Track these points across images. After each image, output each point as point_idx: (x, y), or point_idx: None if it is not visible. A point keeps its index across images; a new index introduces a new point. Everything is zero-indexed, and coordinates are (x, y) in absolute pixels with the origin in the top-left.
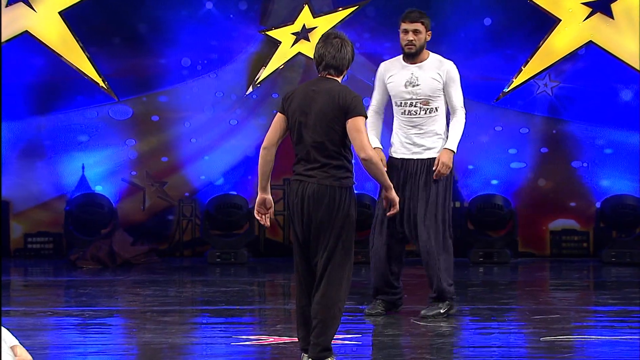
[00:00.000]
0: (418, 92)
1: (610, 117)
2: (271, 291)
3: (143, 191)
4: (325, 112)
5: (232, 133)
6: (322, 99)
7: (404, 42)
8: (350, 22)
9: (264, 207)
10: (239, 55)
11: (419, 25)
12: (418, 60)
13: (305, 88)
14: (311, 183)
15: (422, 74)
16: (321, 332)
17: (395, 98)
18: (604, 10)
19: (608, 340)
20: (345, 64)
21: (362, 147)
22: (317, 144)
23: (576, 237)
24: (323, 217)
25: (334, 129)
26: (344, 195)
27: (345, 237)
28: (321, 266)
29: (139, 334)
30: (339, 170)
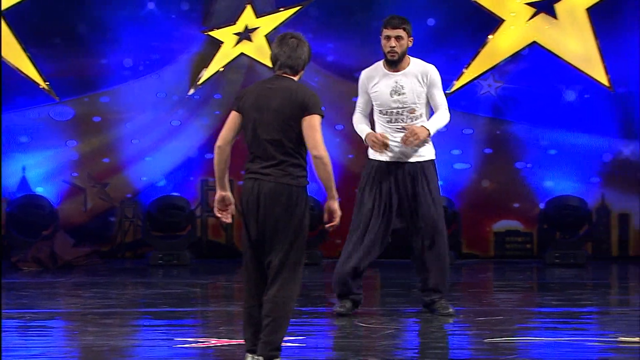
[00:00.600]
0: (405, 101)
1: (554, 118)
2: (214, 293)
3: (84, 192)
4: (283, 110)
5: (174, 134)
6: (279, 96)
7: (387, 48)
8: (293, 22)
9: (224, 204)
10: (181, 55)
11: (401, 32)
12: (401, 68)
13: (260, 85)
14: (267, 181)
15: (406, 81)
16: (273, 331)
17: (381, 107)
18: (548, 10)
19: (552, 341)
20: (301, 63)
21: (315, 145)
22: (274, 141)
23: (520, 238)
24: (279, 216)
25: (291, 126)
26: (300, 194)
27: (300, 237)
28: (275, 265)
29: (80, 336)
30: (295, 169)
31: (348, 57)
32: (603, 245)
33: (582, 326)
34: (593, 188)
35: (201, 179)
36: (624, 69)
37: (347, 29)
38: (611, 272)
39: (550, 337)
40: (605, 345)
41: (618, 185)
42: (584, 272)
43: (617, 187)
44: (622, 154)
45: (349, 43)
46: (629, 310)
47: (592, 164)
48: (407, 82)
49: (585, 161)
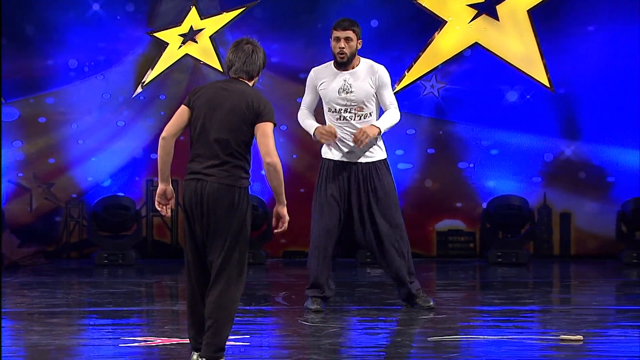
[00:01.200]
0: (352, 99)
1: (496, 118)
2: (159, 292)
3: (30, 192)
4: (236, 111)
5: (119, 134)
6: (234, 98)
7: (336, 50)
8: (238, 23)
9: (165, 197)
10: (127, 56)
11: (350, 33)
12: (350, 67)
13: (215, 85)
14: (210, 182)
15: (355, 80)
16: (216, 332)
17: (329, 104)
18: (489, 12)
19: (494, 339)
20: (256, 69)
21: (268, 152)
22: (221, 140)
23: (462, 237)
24: (222, 217)
25: (241, 129)
26: (242, 195)
27: (242, 238)
28: (217, 266)
29: (26, 335)
30: (238, 170)
31: (292, 58)
32: (545, 244)
33: (524, 324)
34: (535, 188)
35: (146, 179)
36: (565, 70)
37: (292, 31)
38: (553, 271)
39: (492, 335)
40: (547, 343)
41: (560, 185)
42: (526, 271)
43: (558, 186)
44: (563, 154)
45: (293, 44)
46: (570, 308)
47: (534, 163)
48: (355, 81)
49: (527, 161)
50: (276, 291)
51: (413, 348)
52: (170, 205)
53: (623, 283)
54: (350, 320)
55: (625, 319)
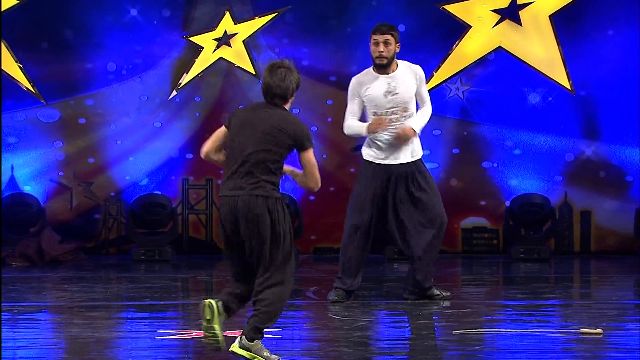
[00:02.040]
0: (398, 100)
1: (519, 120)
2: (194, 287)
3: (70, 191)
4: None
5: (156, 135)
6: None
7: (375, 53)
8: (270, 28)
9: None
10: (163, 60)
11: (389, 37)
12: (390, 70)
13: (254, 107)
14: (241, 196)
15: (399, 82)
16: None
17: (375, 108)
18: (513, 17)
19: (517, 333)
20: (290, 92)
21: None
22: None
23: (486, 234)
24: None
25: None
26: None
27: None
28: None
29: (66, 328)
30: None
31: (322, 61)
32: (566, 241)
33: (546, 318)
34: (556, 186)
35: (182, 178)
36: (585, 73)
37: (322, 35)
38: (573, 267)
39: (515, 328)
40: (568, 336)
41: (580, 184)
42: (548, 267)
43: (579, 185)
44: (583, 154)
45: (323, 48)
46: (590, 303)
47: (555, 163)
48: (399, 82)
49: (548, 161)
50: (307, 286)
51: (439, 341)
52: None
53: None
54: (378, 314)
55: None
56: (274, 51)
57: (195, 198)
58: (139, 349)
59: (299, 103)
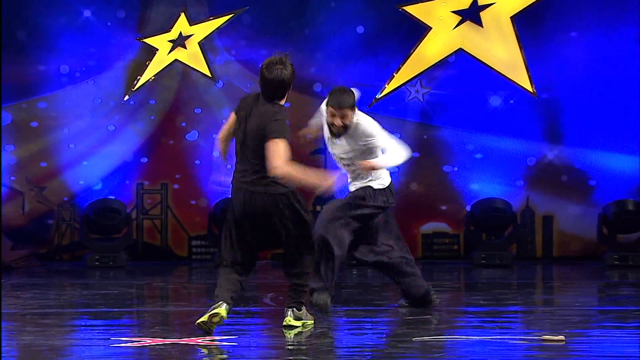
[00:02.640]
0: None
1: (480, 123)
2: (150, 294)
3: (22, 196)
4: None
5: (110, 139)
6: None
7: (335, 127)
8: (226, 29)
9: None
10: (117, 62)
11: (347, 111)
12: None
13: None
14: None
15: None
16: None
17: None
18: (473, 18)
19: (478, 340)
20: (286, 90)
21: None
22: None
23: (447, 239)
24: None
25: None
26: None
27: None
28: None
29: (19, 336)
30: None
31: None
32: (528, 246)
33: (508, 325)
34: (518, 191)
35: (137, 183)
36: (548, 75)
37: (280, 37)
38: (536, 273)
39: (477, 335)
40: (530, 343)
41: (542, 188)
42: (510, 273)
43: (541, 189)
44: (546, 158)
45: (281, 50)
46: (553, 309)
47: (517, 167)
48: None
49: (510, 165)
50: (264, 292)
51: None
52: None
53: (605, 284)
54: (336, 321)
55: (607, 319)
56: (231, 53)
57: (150, 203)
58: (93, 357)
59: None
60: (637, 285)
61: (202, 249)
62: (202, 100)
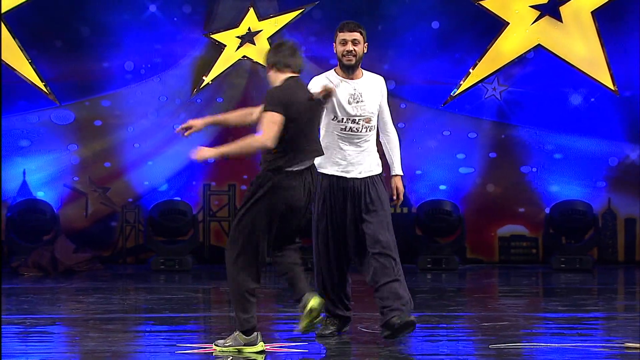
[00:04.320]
0: (363, 109)
1: (560, 122)
2: (216, 298)
3: (85, 197)
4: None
5: (176, 138)
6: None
7: (342, 53)
8: (296, 25)
9: None
10: (183, 59)
11: (358, 35)
12: (355, 77)
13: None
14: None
15: (365, 90)
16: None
17: (337, 113)
18: (553, 13)
19: (557, 347)
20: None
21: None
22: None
23: (525, 243)
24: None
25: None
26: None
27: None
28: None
29: (81, 342)
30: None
31: None
32: (609, 250)
33: (588, 332)
34: (599, 192)
35: (203, 184)
36: (630, 73)
37: None
38: (618, 277)
39: (555, 342)
40: (611, 351)
41: (624, 190)
42: (590, 277)
43: (623, 191)
44: (628, 158)
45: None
46: (635, 315)
47: (598, 168)
48: (365, 90)
49: (591, 165)
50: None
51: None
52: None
53: None
54: None
55: None
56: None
57: (217, 205)
58: None
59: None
60: None
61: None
62: None
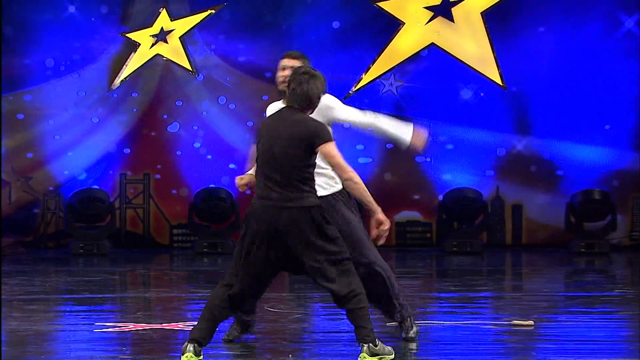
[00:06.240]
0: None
1: (452, 115)
2: (132, 280)
3: (9, 186)
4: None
5: (94, 130)
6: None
7: (279, 78)
8: (206, 24)
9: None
10: (101, 56)
11: (297, 63)
12: None
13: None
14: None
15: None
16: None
17: None
18: (445, 14)
19: (450, 325)
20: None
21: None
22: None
23: (420, 228)
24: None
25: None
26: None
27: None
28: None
29: (5, 321)
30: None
31: (259, 57)
32: (497, 234)
33: (478, 310)
34: (488, 181)
35: (120, 173)
36: (517, 69)
37: (257, 31)
38: (505, 260)
39: (448, 320)
40: (500, 328)
41: (511, 178)
42: (480, 260)
43: (510, 179)
44: (515, 149)
45: (259, 44)
46: (521, 295)
47: (487, 158)
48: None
49: (480, 155)
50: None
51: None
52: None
53: (572, 271)
54: (314, 307)
55: (574, 304)
56: (210, 47)
57: (133, 192)
58: (77, 342)
59: (236, 99)
60: (603, 272)
61: (183, 237)
62: (183, 93)
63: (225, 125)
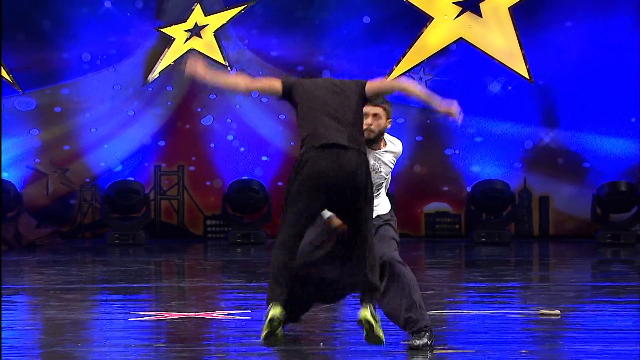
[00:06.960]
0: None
1: (480, 108)
2: (167, 270)
3: (47, 177)
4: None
5: (129, 123)
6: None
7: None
8: (240, 19)
9: None
10: (136, 50)
11: (379, 110)
12: (377, 147)
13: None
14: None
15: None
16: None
17: None
18: (474, 9)
19: (478, 314)
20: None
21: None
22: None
23: (449, 219)
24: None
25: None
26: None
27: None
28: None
29: (43, 310)
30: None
31: (291, 51)
32: (525, 225)
33: (506, 300)
34: (516, 173)
35: (154, 165)
36: (544, 63)
37: (290, 26)
38: (533, 250)
39: (477, 310)
40: (527, 317)
41: (539, 170)
42: (508, 250)
43: (537, 171)
44: (542, 141)
45: (291, 39)
46: (549, 285)
47: (515, 150)
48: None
49: (508, 148)
50: None
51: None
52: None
53: (598, 261)
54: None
55: (600, 294)
56: (244, 42)
57: (167, 184)
58: (113, 330)
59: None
60: (628, 262)
61: (217, 228)
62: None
63: (258, 118)
